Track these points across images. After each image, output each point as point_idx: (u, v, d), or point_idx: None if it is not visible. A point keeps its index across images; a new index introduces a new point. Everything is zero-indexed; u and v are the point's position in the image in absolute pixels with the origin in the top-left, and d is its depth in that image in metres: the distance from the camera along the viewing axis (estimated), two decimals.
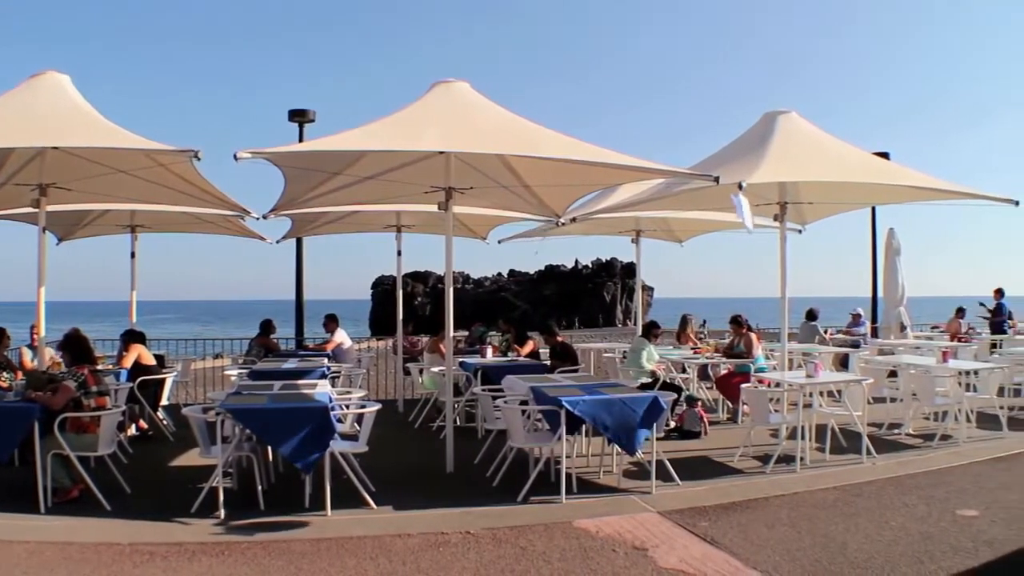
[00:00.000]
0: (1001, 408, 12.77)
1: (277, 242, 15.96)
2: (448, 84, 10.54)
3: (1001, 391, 13.48)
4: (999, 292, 20.63)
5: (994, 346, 19.77)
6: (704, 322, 19.86)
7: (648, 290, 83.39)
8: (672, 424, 12.29)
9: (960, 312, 21.73)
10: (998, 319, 20.77)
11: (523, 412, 9.31)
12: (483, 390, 10.95)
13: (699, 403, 12.94)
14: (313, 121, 19.92)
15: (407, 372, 15.39)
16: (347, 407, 9.56)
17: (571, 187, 11.37)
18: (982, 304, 22.67)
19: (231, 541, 7.34)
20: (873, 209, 21.65)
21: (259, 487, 8.43)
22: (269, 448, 9.14)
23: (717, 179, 9.54)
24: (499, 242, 17.42)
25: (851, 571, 6.62)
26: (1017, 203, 11.18)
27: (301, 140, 18.51)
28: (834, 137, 11.78)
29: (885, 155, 18.10)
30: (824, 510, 8.42)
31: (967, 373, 12.90)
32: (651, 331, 14.01)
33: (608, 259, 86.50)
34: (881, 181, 11.21)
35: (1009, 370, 14.64)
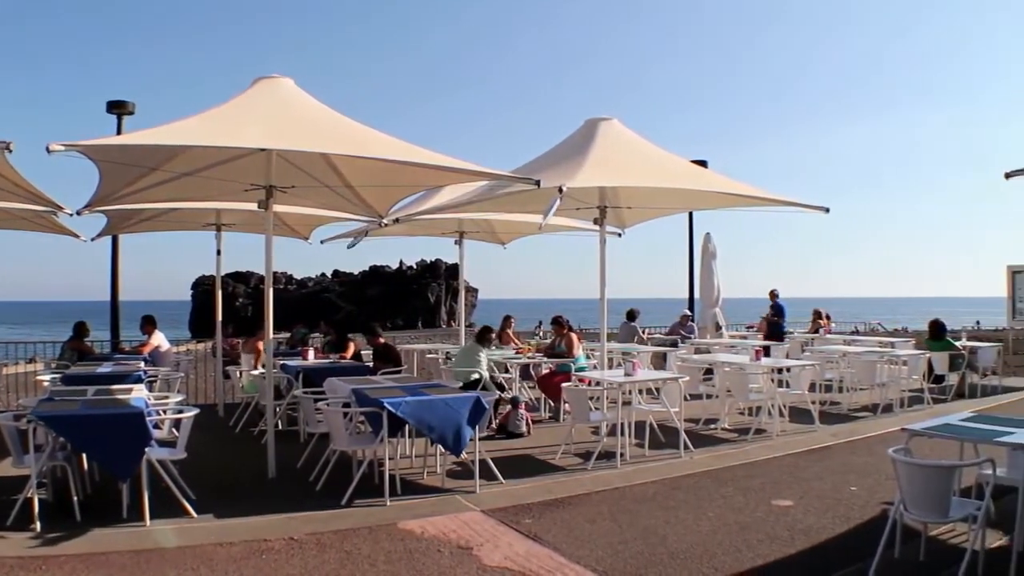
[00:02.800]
0: (812, 403, 13.37)
1: (92, 240, 15.31)
2: (272, 80, 10.35)
3: (812, 387, 14.08)
4: (774, 293, 21.45)
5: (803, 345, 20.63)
6: (540, 323, 20.12)
7: (472, 291, 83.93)
8: (496, 424, 12.39)
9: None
10: (776, 320, 21.56)
11: (345, 414, 9.23)
12: (305, 393, 10.79)
13: (523, 404, 13.06)
14: (132, 113, 19.24)
15: (227, 375, 15.04)
16: (164, 412, 9.26)
17: (395, 188, 11.31)
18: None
19: (49, 555, 7.01)
20: (691, 214, 22.28)
21: (75, 497, 8.05)
22: (85, 456, 8.77)
23: (538, 183, 9.66)
24: (321, 242, 17.22)
25: (671, 562, 6.79)
26: (827, 210, 11.68)
27: (119, 133, 17.85)
28: (653, 144, 12.08)
29: (703, 163, 18.71)
30: (644, 504, 8.62)
31: (779, 370, 13.43)
32: (485, 336, 14.03)
33: (433, 260, 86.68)
34: (697, 187, 11.53)
35: (820, 367, 15.31)
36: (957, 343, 17.35)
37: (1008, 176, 9.59)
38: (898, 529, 6.43)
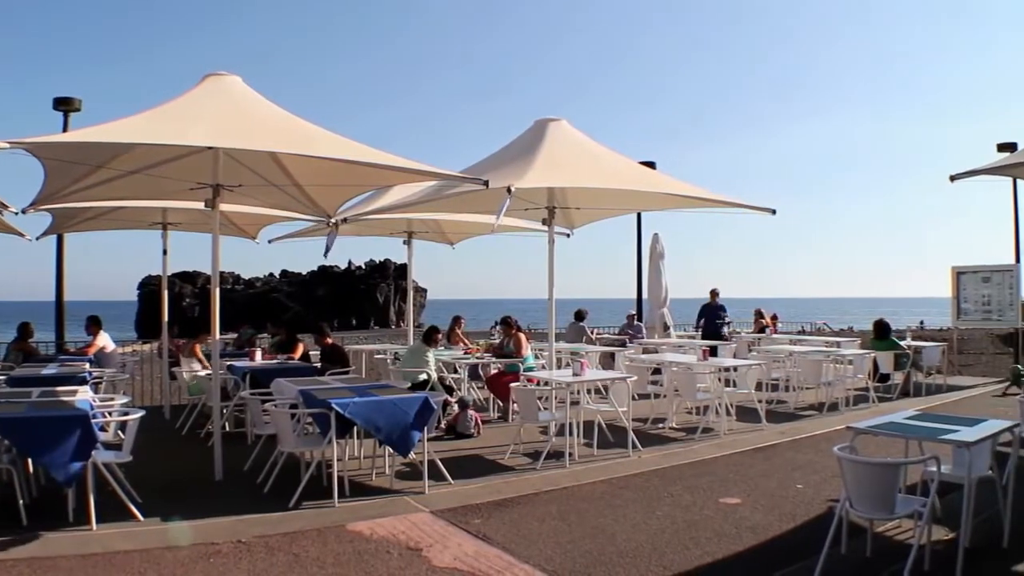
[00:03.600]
0: (759, 402, 13.51)
1: (37, 239, 15.06)
2: (219, 77, 10.24)
3: (759, 386, 14.21)
4: (715, 293, 21.66)
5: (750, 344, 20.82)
6: (496, 323, 20.07)
7: (421, 291, 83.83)
8: (445, 425, 12.37)
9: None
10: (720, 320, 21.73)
11: (293, 416, 9.16)
12: (252, 394, 10.69)
13: (472, 404, 13.05)
14: (79, 110, 18.91)
15: (173, 377, 14.87)
16: (110, 414, 9.14)
17: (343, 187, 11.24)
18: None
19: None
20: (639, 215, 22.38)
21: (20, 501, 7.91)
22: (29, 460, 8.62)
23: (486, 183, 9.66)
24: (269, 242, 17.11)
25: (620, 560, 6.82)
26: (774, 212, 11.77)
27: (66, 130, 17.57)
28: (602, 145, 12.11)
29: (651, 164, 18.80)
30: (593, 503, 8.65)
31: (726, 369, 13.54)
32: (432, 336, 13.99)
33: (382, 260, 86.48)
34: (645, 189, 11.57)
35: (766, 366, 15.46)
36: (902, 343, 17.60)
37: (953, 179, 9.73)
38: (844, 526, 6.51)
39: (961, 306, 21.40)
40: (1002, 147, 19.92)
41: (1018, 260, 20.76)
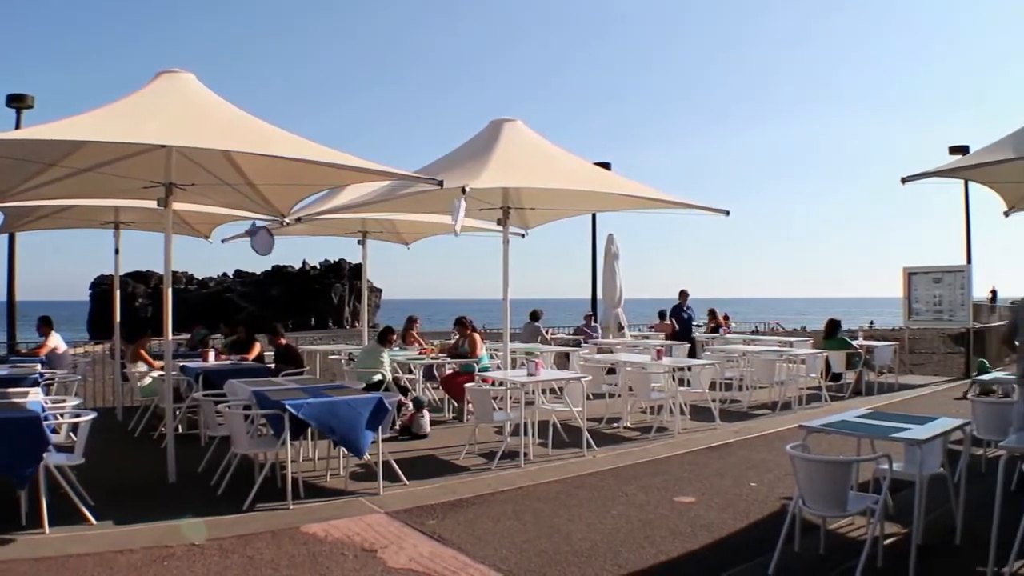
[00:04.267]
0: (713, 401, 13.59)
1: None
2: (173, 74, 10.17)
3: (713, 385, 14.30)
4: (684, 294, 21.80)
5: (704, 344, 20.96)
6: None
7: (376, 292, 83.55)
8: (400, 425, 12.34)
9: (662, 314, 23.14)
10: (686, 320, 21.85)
11: (246, 417, 9.10)
12: (205, 395, 10.60)
13: (426, 405, 13.02)
14: (32, 107, 18.65)
15: (125, 378, 14.68)
16: (61, 416, 9.02)
17: (297, 187, 11.18)
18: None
19: None
20: (594, 215, 22.45)
21: None
22: None
23: (441, 183, 9.66)
24: (223, 241, 16.96)
25: (576, 560, 6.84)
26: (728, 213, 11.90)
27: (18, 127, 17.32)
28: (557, 146, 12.15)
29: (607, 165, 18.86)
30: (548, 503, 8.67)
31: (680, 369, 13.62)
32: (387, 337, 13.94)
33: (336, 260, 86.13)
34: (600, 190, 11.63)
35: (720, 366, 15.57)
36: (854, 342, 17.80)
37: (904, 181, 9.82)
38: (797, 523, 6.57)
39: (912, 306, 21.67)
40: (954, 150, 20.15)
41: (969, 261, 21.03)
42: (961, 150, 19.36)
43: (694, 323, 21.97)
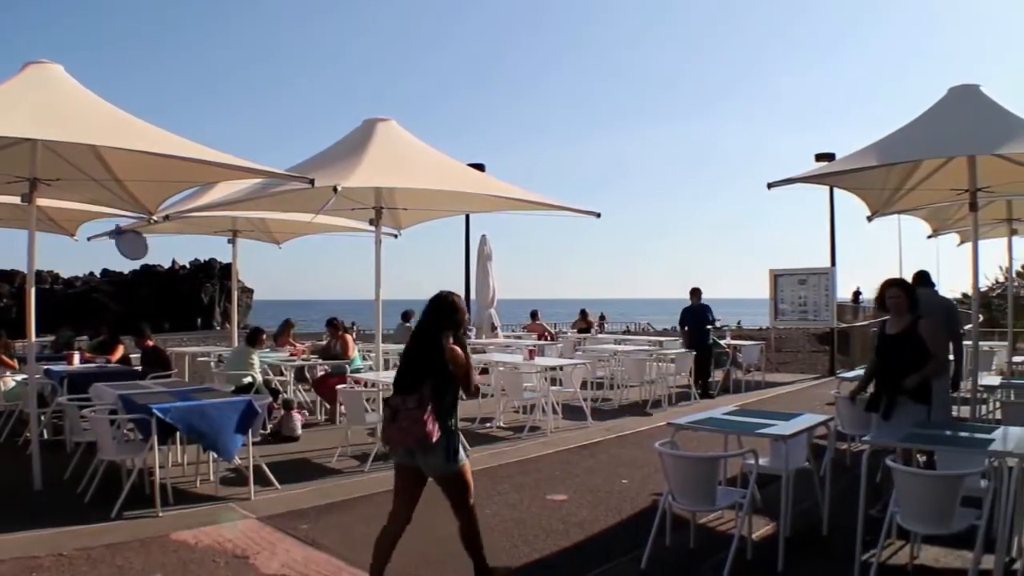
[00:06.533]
0: (585, 400, 13.77)
1: None
2: (41, 66, 9.86)
3: (584, 384, 14.49)
4: (696, 292, 21.88)
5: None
6: (352, 323, 19.82)
7: (247, 292, 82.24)
8: (271, 428, 12.19)
9: (535, 314, 23.42)
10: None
11: (112, 422, 8.87)
12: (69, 399, 10.30)
13: (296, 405, 12.90)
14: None
15: None
16: None
17: (165, 183, 10.93)
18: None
19: None
20: (467, 216, 22.52)
21: None
22: None
23: (312, 181, 9.58)
24: (88, 239, 16.47)
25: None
26: (599, 215, 12.12)
27: None
28: (430, 147, 12.16)
29: (481, 167, 18.93)
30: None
31: (552, 369, 13.76)
32: (256, 338, 13.74)
33: (207, 260, 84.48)
34: (471, 190, 11.66)
35: (591, 365, 15.79)
36: (722, 342, 18.23)
37: (770, 186, 10.07)
38: (668, 518, 6.72)
39: (779, 307, 22.27)
40: (820, 157, 20.75)
41: (834, 263, 21.75)
42: (827, 157, 19.94)
43: (709, 326, 18.40)
